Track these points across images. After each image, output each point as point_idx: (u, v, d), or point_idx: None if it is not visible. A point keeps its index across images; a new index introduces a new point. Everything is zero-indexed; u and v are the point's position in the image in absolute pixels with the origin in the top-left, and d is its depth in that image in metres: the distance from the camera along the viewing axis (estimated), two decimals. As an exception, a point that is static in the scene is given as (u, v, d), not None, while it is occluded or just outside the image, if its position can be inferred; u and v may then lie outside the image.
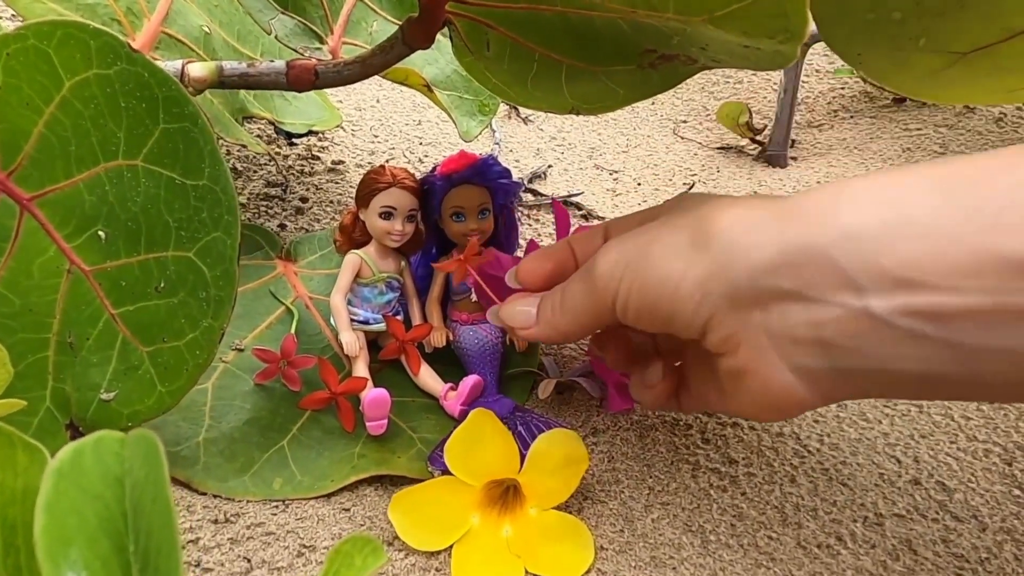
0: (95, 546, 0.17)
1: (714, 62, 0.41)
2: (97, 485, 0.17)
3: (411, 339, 0.47)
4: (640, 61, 0.42)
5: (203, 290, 0.33)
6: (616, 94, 0.44)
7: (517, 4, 0.38)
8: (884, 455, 0.41)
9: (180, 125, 0.32)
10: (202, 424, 0.42)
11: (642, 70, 0.43)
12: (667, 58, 0.42)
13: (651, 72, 0.43)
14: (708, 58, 0.40)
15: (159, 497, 0.17)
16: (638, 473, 0.41)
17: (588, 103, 0.45)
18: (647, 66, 0.42)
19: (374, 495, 0.41)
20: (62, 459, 0.17)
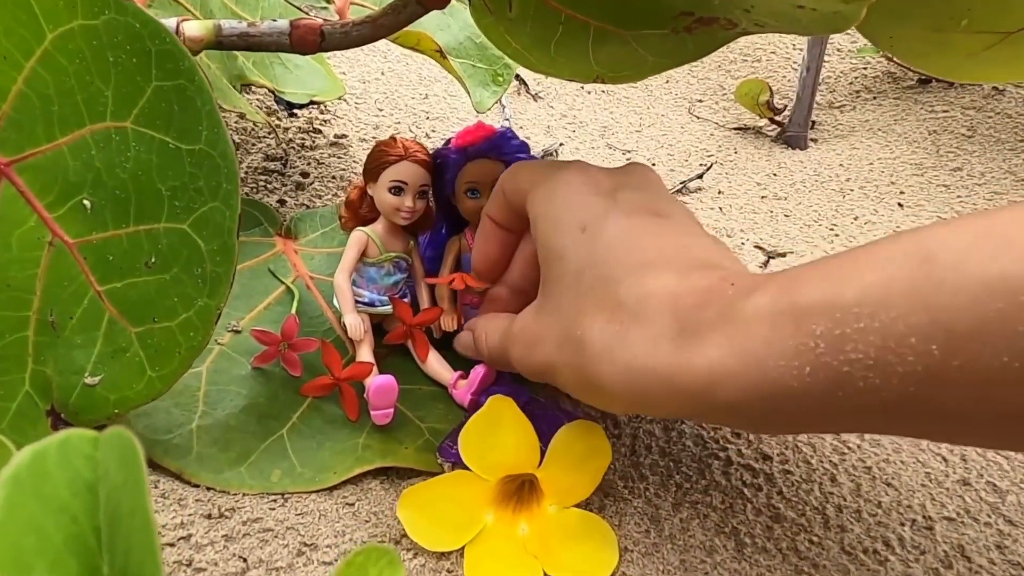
0: (61, 570, 0.14)
1: (757, 27, 0.38)
2: (63, 495, 0.14)
3: (419, 323, 0.44)
4: (675, 25, 0.39)
5: (198, 266, 0.30)
6: (645, 61, 0.41)
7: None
8: (929, 453, 0.38)
9: (175, 83, 0.29)
10: (195, 411, 0.39)
11: (676, 35, 0.39)
12: (705, 22, 0.38)
13: (685, 37, 0.40)
14: (752, 22, 0.37)
15: (138, 508, 0.14)
16: (664, 469, 0.39)
17: (614, 71, 0.42)
18: (682, 30, 0.39)
19: (380, 489, 0.38)
20: (19, 464, 0.14)
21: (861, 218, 0.69)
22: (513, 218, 0.37)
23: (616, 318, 0.28)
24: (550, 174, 0.35)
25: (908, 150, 0.77)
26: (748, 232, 0.67)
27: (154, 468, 0.37)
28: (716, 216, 0.70)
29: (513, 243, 0.39)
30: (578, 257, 0.31)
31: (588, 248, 0.30)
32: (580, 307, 0.30)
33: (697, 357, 0.25)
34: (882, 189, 0.72)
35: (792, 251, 0.65)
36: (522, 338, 0.34)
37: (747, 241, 0.66)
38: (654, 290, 0.28)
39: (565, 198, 0.33)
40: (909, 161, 0.75)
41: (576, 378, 0.30)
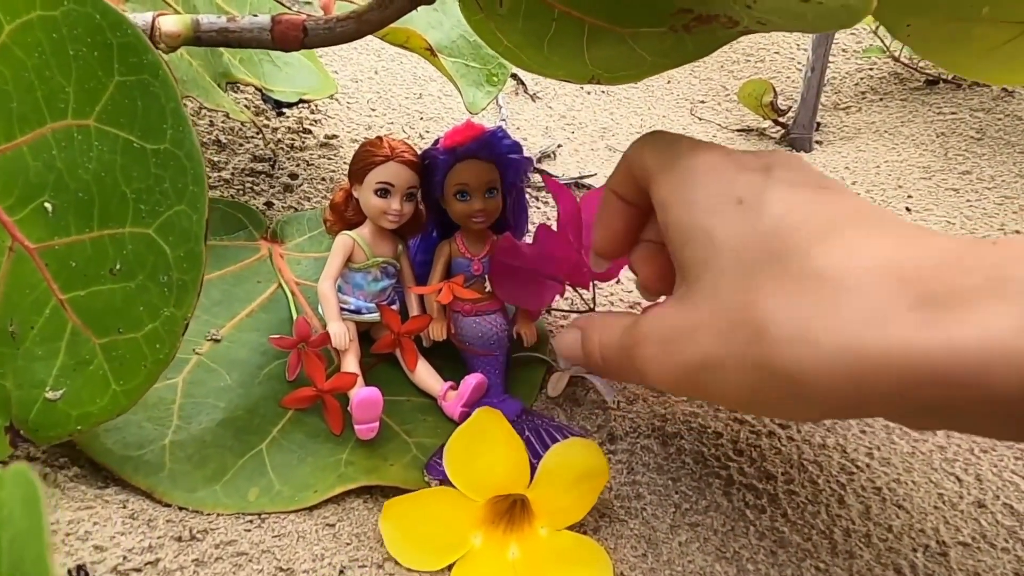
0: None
1: (760, 24, 0.36)
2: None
3: (407, 331, 0.43)
4: (673, 23, 0.37)
5: (164, 273, 0.28)
6: (643, 61, 0.39)
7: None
8: (942, 472, 0.36)
9: (138, 78, 0.27)
10: (169, 425, 0.37)
11: (674, 33, 0.38)
12: (704, 19, 0.36)
13: (684, 36, 0.38)
14: (754, 19, 0.35)
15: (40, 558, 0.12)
16: (662, 488, 0.37)
17: (611, 71, 0.40)
18: (680, 29, 0.37)
19: (363, 508, 0.36)
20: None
21: (867, 223, 0.67)
22: (639, 195, 0.33)
23: (808, 292, 0.23)
24: (682, 154, 0.30)
25: (915, 153, 0.75)
26: (751, 237, 0.65)
27: (123, 486, 0.35)
28: (718, 220, 0.68)
29: (640, 220, 0.34)
30: (736, 233, 0.26)
31: (749, 222, 0.26)
32: (749, 287, 0.24)
33: (963, 329, 0.20)
34: (889, 193, 0.70)
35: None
36: (658, 335, 0.28)
37: (750, 246, 0.64)
38: (865, 256, 0.23)
39: (705, 177, 0.28)
40: (917, 164, 0.73)
41: (751, 375, 0.24)
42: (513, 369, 0.45)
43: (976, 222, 0.65)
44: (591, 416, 0.42)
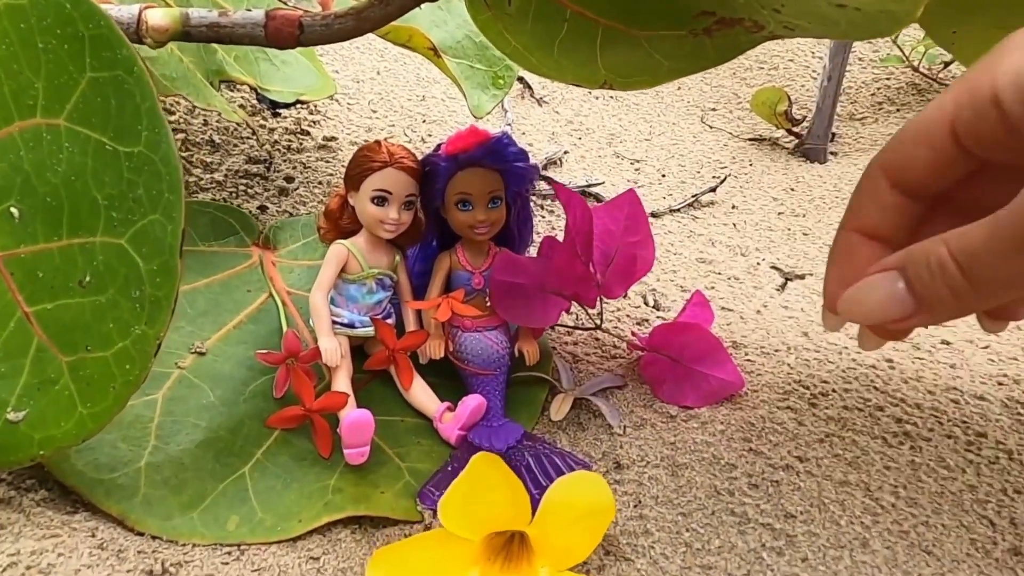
0: None
1: (787, 29, 0.33)
2: None
3: (403, 348, 0.40)
4: (693, 26, 0.35)
5: (137, 288, 0.26)
6: (659, 66, 0.37)
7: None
8: (974, 514, 0.34)
9: (112, 74, 0.24)
10: (146, 445, 0.35)
11: (695, 37, 0.35)
12: (728, 23, 0.34)
13: (705, 40, 0.35)
14: (781, 24, 0.33)
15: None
16: (672, 524, 0.34)
17: (624, 76, 0.38)
18: (701, 32, 0.35)
19: (350, 540, 0.34)
20: None
21: (884, 238, 0.65)
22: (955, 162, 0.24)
23: None
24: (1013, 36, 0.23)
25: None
26: (764, 251, 0.63)
27: (93, 512, 0.32)
28: (730, 233, 0.65)
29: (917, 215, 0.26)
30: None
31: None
32: None
33: None
34: (907, 208, 0.67)
35: (812, 273, 0.60)
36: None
37: (763, 261, 0.62)
38: None
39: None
40: (935, 179, 0.71)
41: None
42: (514, 389, 0.42)
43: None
44: (596, 442, 0.40)
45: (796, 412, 0.40)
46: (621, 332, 0.49)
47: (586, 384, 0.43)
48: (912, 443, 0.38)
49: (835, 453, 0.37)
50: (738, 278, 0.59)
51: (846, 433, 0.39)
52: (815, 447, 0.38)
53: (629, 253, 0.44)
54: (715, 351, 0.43)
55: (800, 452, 0.37)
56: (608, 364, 0.46)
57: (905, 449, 0.38)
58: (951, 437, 0.39)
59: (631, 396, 0.43)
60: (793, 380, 0.43)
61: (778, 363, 0.45)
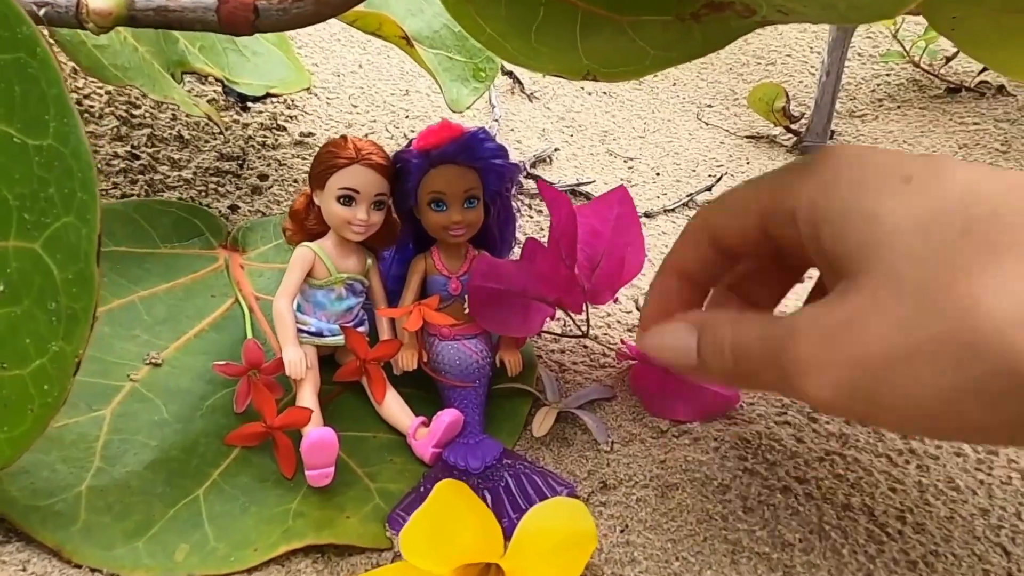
0: None
1: (780, 14, 0.31)
2: None
3: (375, 358, 0.37)
4: (680, 11, 0.32)
5: (52, 299, 0.23)
6: (644, 54, 0.34)
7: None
8: (986, 542, 0.31)
9: (12, 56, 0.22)
10: (89, 467, 0.32)
11: (682, 22, 0.33)
12: (717, 6, 0.31)
13: (693, 26, 0.33)
14: (774, 8, 0.30)
15: None
16: (660, 552, 0.32)
17: (608, 66, 0.35)
18: (689, 17, 0.32)
19: (311, 571, 0.31)
20: None
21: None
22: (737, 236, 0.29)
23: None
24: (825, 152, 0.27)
25: (937, 165, 0.70)
26: (760, 252, 0.60)
27: (27, 542, 0.29)
28: (725, 233, 0.63)
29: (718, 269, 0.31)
30: (912, 212, 0.22)
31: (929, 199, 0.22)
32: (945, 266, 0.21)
33: None
34: (910, 208, 0.65)
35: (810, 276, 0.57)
36: (819, 329, 0.23)
37: (759, 263, 0.59)
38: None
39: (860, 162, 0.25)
40: (939, 177, 0.68)
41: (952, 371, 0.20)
42: (494, 402, 0.39)
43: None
44: (581, 459, 0.37)
45: (795, 427, 0.38)
46: (611, 339, 0.47)
47: (572, 396, 0.41)
48: (919, 461, 0.35)
49: (836, 473, 0.34)
50: (734, 281, 0.56)
51: (848, 451, 0.36)
52: (815, 466, 0.35)
53: (618, 255, 0.42)
54: (709, 361, 0.40)
55: (799, 472, 0.35)
56: (597, 374, 0.44)
57: (911, 468, 0.35)
58: (960, 455, 0.36)
59: (620, 409, 0.41)
60: (791, 392, 0.41)
61: (775, 373, 0.43)
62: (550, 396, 0.41)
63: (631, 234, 0.42)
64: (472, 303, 0.37)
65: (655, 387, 0.40)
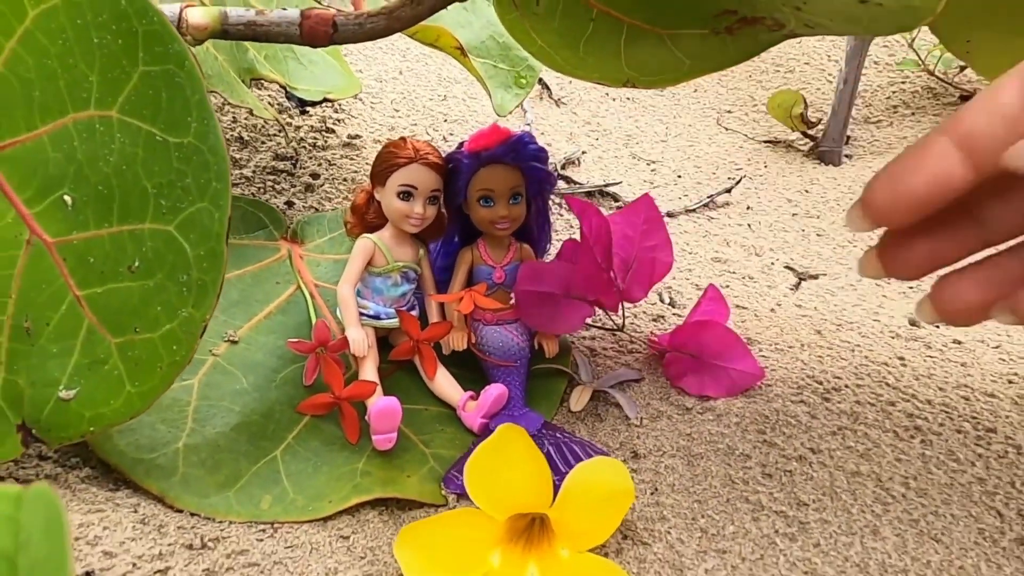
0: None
1: (807, 28, 0.34)
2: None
3: (427, 339, 0.41)
4: (715, 24, 0.36)
5: (184, 272, 0.27)
6: (681, 64, 0.38)
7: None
8: (982, 506, 0.35)
9: (163, 68, 0.26)
10: (183, 427, 0.36)
11: (716, 35, 0.36)
12: (749, 21, 0.35)
13: (726, 38, 0.37)
14: (802, 22, 0.34)
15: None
16: (688, 511, 0.35)
17: (647, 74, 0.39)
18: (723, 31, 0.36)
19: (378, 521, 0.35)
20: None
21: (898, 240, 0.65)
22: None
23: None
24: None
25: (948, 170, 0.73)
26: (778, 251, 0.64)
27: (135, 490, 0.34)
28: (745, 233, 0.66)
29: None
30: None
31: None
32: None
33: None
34: (921, 210, 0.68)
35: (825, 273, 0.61)
36: None
37: (777, 261, 0.62)
38: None
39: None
40: (949, 182, 0.71)
41: None
42: (534, 381, 0.43)
43: (1011, 243, 0.63)
44: (614, 432, 0.41)
45: (809, 406, 0.41)
46: (638, 328, 0.51)
47: (604, 377, 0.45)
48: (923, 437, 0.39)
49: (847, 445, 0.38)
50: (752, 277, 0.60)
51: (858, 427, 0.40)
52: (828, 439, 0.39)
53: (648, 257, 0.46)
54: (734, 345, 0.44)
55: (813, 444, 0.38)
56: (625, 359, 0.47)
57: (916, 443, 0.39)
58: (961, 432, 0.40)
59: (648, 389, 0.44)
60: (806, 375, 0.44)
61: (792, 359, 0.46)
62: (584, 377, 0.44)
63: (659, 237, 0.46)
64: (520, 306, 0.41)
65: (686, 370, 0.44)
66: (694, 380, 0.44)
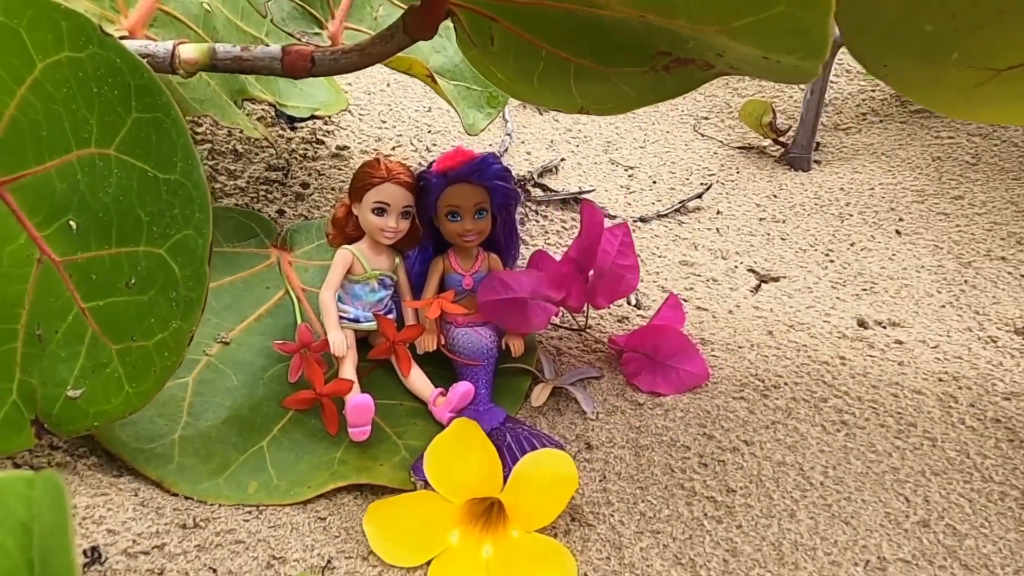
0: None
1: (732, 69, 0.38)
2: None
3: (402, 340, 0.46)
4: (653, 64, 0.40)
5: (173, 289, 0.31)
6: (627, 96, 0.42)
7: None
8: (892, 492, 0.39)
9: (152, 115, 0.30)
10: (179, 421, 0.41)
11: (655, 73, 0.40)
12: (681, 62, 0.39)
13: (664, 75, 0.40)
14: (726, 64, 0.38)
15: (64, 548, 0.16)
16: (630, 496, 0.39)
17: (597, 103, 0.43)
18: (660, 69, 0.40)
19: (352, 504, 0.39)
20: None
21: (858, 244, 0.69)
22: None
23: None
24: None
25: (911, 176, 0.77)
26: (743, 255, 0.68)
27: (136, 476, 0.38)
28: (713, 237, 0.70)
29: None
30: None
31: None
32: None
33: None
34: (881, 215, 0.72)
35: (785, 276, 0.65)
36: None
37: (741, 264, 0.66)
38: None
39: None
40: (911, 187, 0.75)
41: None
42: (500, 378, 0.47)
43: (963, 247, 0.67)
44: (571, 425, 0.45)
45: (749, 402, 0.45)
46: (603, 329, 0.55)
47: (566, 375, 0.49)
48: (848, 431, 0.43)
49: (777, 438, 0.42)
50: (716, 280, 0.64)
51: (790, 421, 0.44)
52: (761, 432, 0.43)
53: (618, 273, 0.50)
54: (685, 348, 0.48)
55: (747, 437, 0.42)
56: (588, 357, 0.51)
57: (840, 436, 0.43)
58: (884, 426, 0.43)
59: (606, 386, 0.48)
60: (751, 374, 0.48)
61: (740, 359, 0.50)
62: (547, 374, 0.48)
63: (631, 259, 0.50)
64: (483, 312, 0.45)
65: (641, 369, 0.48)
66: (647, 378, 0.48)
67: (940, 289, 0.63)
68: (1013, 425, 0.44)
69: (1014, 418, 0.44)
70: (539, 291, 0.46)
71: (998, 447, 0.42)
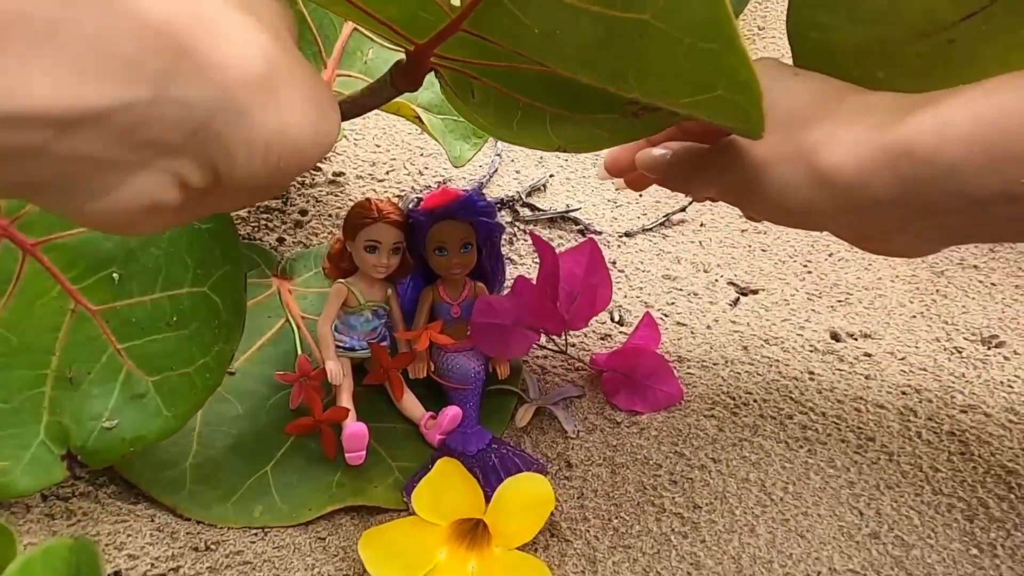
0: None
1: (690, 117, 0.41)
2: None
3: (395, 366, 0.49)
4: (624, 110, 0.43)
5: (215, 319, 0.35)
6: (601, 137, 0.45)
7: (498, 62, 0.38)
8: (847, 506, 0.42)
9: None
10: (190, 449, 0.44)
11: (625, 119, 0.43)
12: (650, 109, 0.42)
13: (634, 120, 0.43)
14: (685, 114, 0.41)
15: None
16: (605, 512, 0.43)
17: (574, 143, 0.46)
18: (630, 115, 0.43)
19: (350, 524, 0.43)
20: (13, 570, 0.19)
21: (836, 255, 0.72)
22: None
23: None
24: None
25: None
26: (724, 268, 0.71)
27: (152, 502, 0.42)
28: (695, 250, 0.73)
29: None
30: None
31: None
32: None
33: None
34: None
35: (764, 288, 0.68)
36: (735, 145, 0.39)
37: (721, 277, 0.69)
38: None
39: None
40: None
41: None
42: (488, 399, 0.51)
43: (937, 256, 0.70)
44: (553, 444, 0.48)
45: (719, 420, 0.49)
46: (586, 346, 0.58)
47: (550, 394, 0.52)
48: (810, 447, 0.46)
49: (743, 455, 0.45)
50: (697, 294, 0.67)
51: (756, 438, 0.47)
52: (728, 450, 0.46)
53: (590, 292, 0.53)
54: (660, 369, 0.51)
55: (715, 454, 0.46)
56: (571, 376, 0.55)
57: (803, 452, 0.46)
58: (844, 442, 0.47)
59: (587, 404, 0.52)
60: (723, 392, 0.51)
61: (714, 376, 0.54)
62: (532, 394, 0.52)
63: (600, 276, 0.53)
64: (474, 336, 0.49)
65: (619, 388, 0.51)
66: (625, 397, 0.51)
67: (912, 299, 0.65)
68: (966, 438, 0.47)
69: (968, 431, 0.48)
70: (521, 319, 0.49)
71: (950, 460, 0.45)
